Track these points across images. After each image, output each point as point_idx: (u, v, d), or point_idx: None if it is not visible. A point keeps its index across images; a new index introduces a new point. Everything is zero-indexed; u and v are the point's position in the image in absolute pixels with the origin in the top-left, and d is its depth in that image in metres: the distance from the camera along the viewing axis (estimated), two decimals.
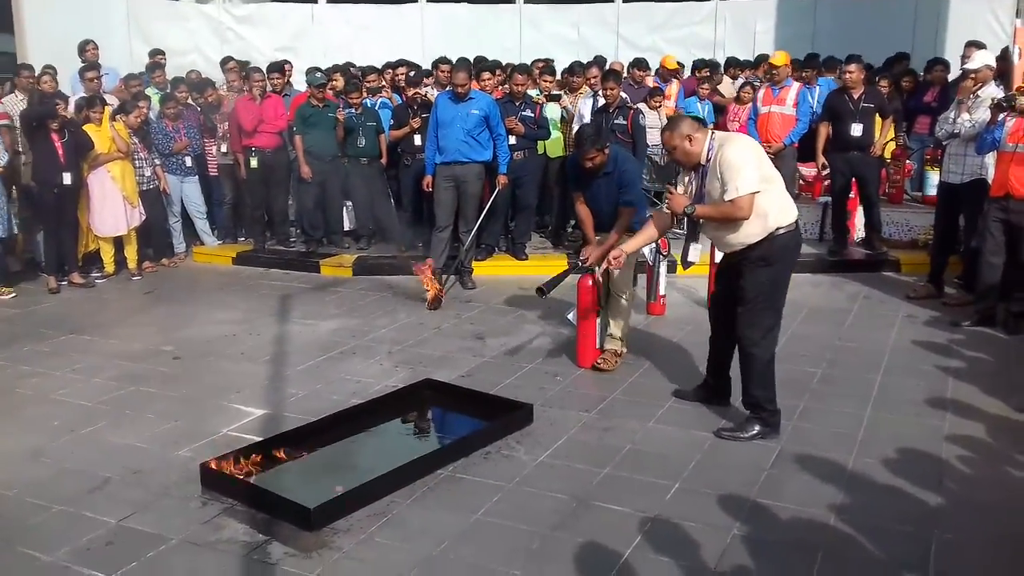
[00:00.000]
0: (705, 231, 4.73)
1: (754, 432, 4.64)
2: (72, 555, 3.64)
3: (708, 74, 10.47)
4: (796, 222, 4.58)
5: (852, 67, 8.27)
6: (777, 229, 4.46)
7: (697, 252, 4.92)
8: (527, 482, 4.23)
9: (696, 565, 3.49)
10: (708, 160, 4.50)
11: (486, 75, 8.62)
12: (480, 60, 9.79)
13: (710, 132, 4.58)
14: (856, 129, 8.16)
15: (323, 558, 3.59)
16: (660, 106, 9.55)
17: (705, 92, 9.97)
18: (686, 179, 4.74)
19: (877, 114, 8.29)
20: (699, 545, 3.63)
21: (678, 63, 11.37)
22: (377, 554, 3.62)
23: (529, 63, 10.04)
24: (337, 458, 4.60)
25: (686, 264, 4.96)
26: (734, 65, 11.50)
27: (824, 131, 8.54)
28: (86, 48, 9.80)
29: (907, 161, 9.72)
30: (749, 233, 4.47)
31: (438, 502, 4.04)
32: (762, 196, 4.38)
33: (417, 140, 8.59)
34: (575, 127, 8.21)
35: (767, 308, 4.59)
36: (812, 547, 3.61)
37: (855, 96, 8.20)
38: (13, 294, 7.99)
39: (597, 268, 5.89)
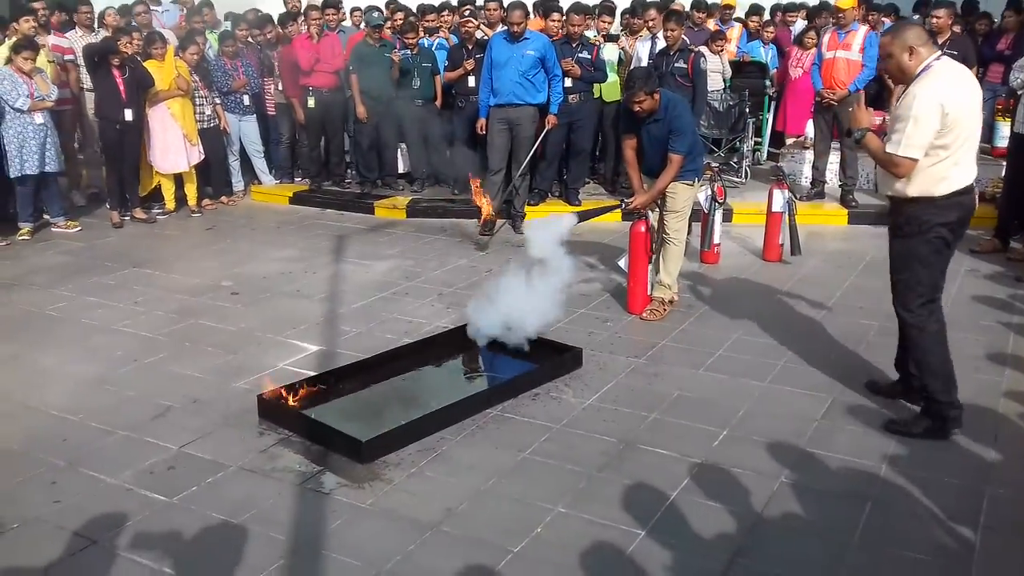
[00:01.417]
0: None
1: (925, 427, 4.09)
2: (135, 478, 3.79)
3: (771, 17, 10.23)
4: (957, 194, 3.90)
5: (941, 12, 7.99)
6: (920, 197, 3.90)
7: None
8: (575, 424, 4.27)
9: (742, 510, 3.50)
10: (913, 82, 3.85)
11: (555, 15, 8.48)
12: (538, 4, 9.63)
13: (936, 55, 3.87)
14: None
15: (374, 489, 3.68)
16: (722, 50, 9.35)
17: (769, 36, 9.73)
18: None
19: (962, 63, 8.00)
20: (746, 491, 3.65)
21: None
22: (426, 487, 3.71)
23: (587, 2, 9.84)
24: (389, 395, 4.67)
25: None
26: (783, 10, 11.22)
27: None
28: None
29: None
30: (894, 183, 3.96)
31: (487, 440, 4.11)
32: (925, 159, 3.81)
33: (471, 82, 8.52)
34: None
35: (910, 280, 4.04)
36: (861, 497, 3.59)
37: (939, 42, 7.93)
38: (78, 227, 8.21)
39: (650, 213, 5.85)
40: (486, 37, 8.53)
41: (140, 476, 3.81)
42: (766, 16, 11.07)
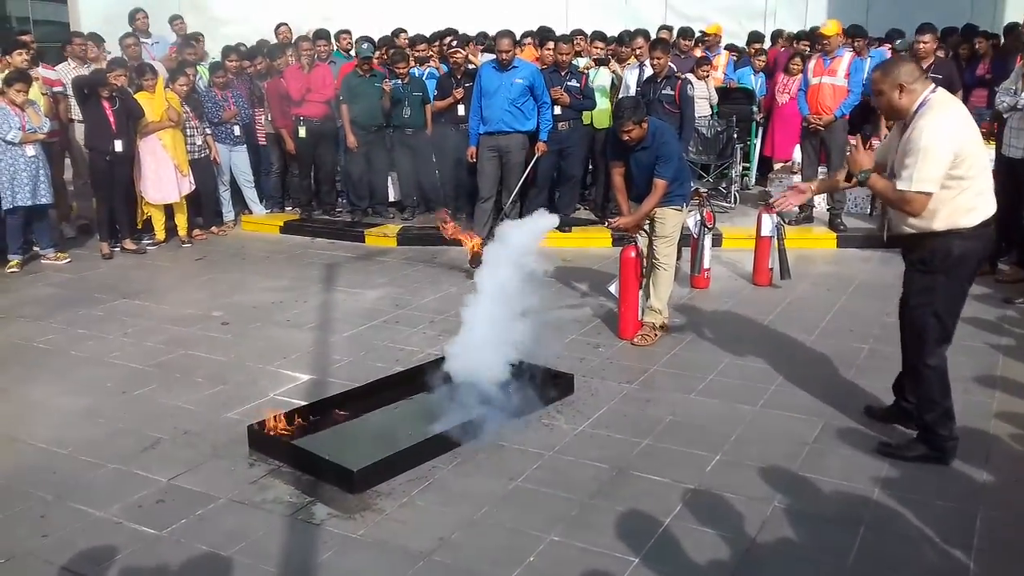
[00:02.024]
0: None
1: (920, 453, 4.05)
2: (124, 511, 3.76)
3: (760, 46, 10.34)
4: (983, 225, 3.85)
5: (927, 37, 8.09)
6: (949, 230, 3.80)
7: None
8: (567, 450, 4.25)
9: (736, 536, 3.49)
10: (912, 120, 3.80)
11: (550, 43, 8.57)
12: (526, 35, 9.75)
13: (931, 88, 3.84)
14: None
15: (365, 519, 3.66)
16: (708, 75, 9.44)
17: (760, 64, 9.83)
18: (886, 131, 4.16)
19: (947, 88, 8.10)
20: (739, 516, 3.63)
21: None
22: (418, 516, 3.68)
23: (569, 33, 9.93)
24: (379, 423, 4.65)
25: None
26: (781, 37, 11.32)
27: None
28: (136, 17, 9.93)
29: None
30: (912, 220, 3.84)
31: (479, 468, 4.09)
32: (946, 192, 3.73)
33: (461, 110, 8.58)
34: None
35: (930, 317, 3.94)
36: (854, 521, 3.58)
37: (924, 67, 8.03)
38: (68, 259, 8.19)
39: (640, 239, 5.88)
40: (474, 66, 8.60)
41: (129, 509, 3.77)
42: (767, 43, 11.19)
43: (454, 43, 9.39)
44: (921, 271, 3.93)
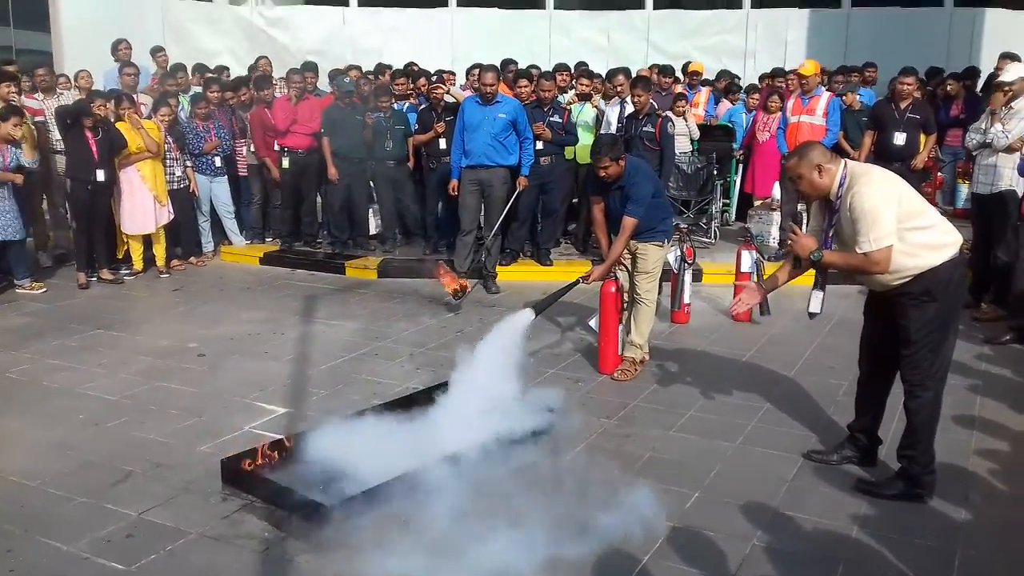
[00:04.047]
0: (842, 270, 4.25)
1: (899, 490, 4.08)
2: (92, 546, 3.68)
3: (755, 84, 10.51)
4: (961, 249, 4.01)
5: (910, 79, 8.28)
6: (943, 263, 3.91)
7: (820, 302, 4.31)
8: (545, 486, 4.20)
9: (714, 574, 3.46)
10: (839, 197, 3.98)
11: (523, 82, 8.64)
12: (507, 63, 9.82)
13: (843, 164, 4.03)
14: (899, 139, 8.15)
15: (338, 556, 3.59)
16: (684, 112, 9.54)
17: (754, 103, 9.99)
18: (811, 214, 4.28)
19: (922, 128, 8.26)
20: (719, 554, 3.60)
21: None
22: (392, 555, 3.62)
23: (551, 69, 10.01)
24: (355, 458, 4.58)
25: (810, 315, 4.35)
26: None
27: (869, 140, 8.48)
28: (119, 47, 9.93)
29: (938, 174, 9.61)
30: (902, 272, 3.91)
31: (456, 504, 4.01)
32: (912, 234, 3.86)
33: (442, 144, 8.61)
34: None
35: (936, 348, 3.98)
36: (833, 560, 3.56)
37: (902, 107, 8.18)
38: (44, 289, 8.09)
39: (620, 273, 5.89)
40: (455, 101, 8.65)
41: (97, 544, 3.69)
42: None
43: (433, 79, 9.45)
44: (926, 302, 3.93)
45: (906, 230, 3.86)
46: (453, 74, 10.27)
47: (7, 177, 7.55)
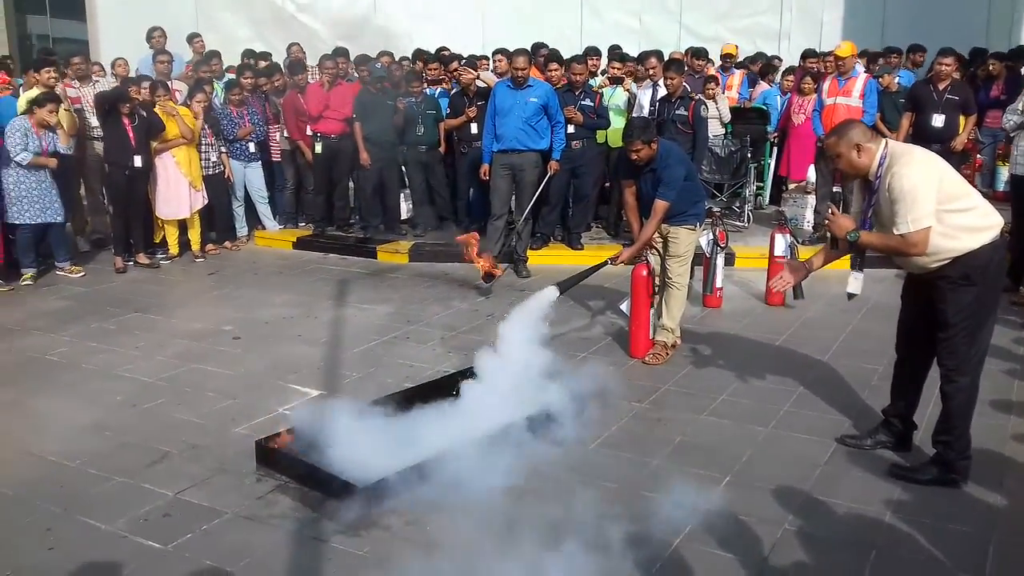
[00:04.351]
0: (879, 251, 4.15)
1: (933, 476, 4.03)
2: (129, 525, 3.75)
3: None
4: (1001, 232, 3.93)
5: (948, 59, 8.11)
6: (982, 246, 3.85)
7: (859, 283, 4.26)
8: (576, 469, 4.21)
9: (746, 558, 3.45)
10: (878, 176, 3.93)
11: (553, 65, 8.59)
12: (538, 47, 9.78)
13: (883, 143, 3.97)
14: (938, 120, 8.01)
15: (371, 536, 3.64)
16: (714, 95, 9.44)
17: (789, 84, 9.86)
18: (854, 194, 4.25)
19: (961, 110, 8.10)
20: (750, 538, 3.59)
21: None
22: (425, 535, 3.65)
23: (582, 53, 9.96)
24: (388, 440, 4.62)
25: (849, 296, 4.31)
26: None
27: (907, 122, 8.34)
28: (153, 35, 10.02)
29: (978, 156, 9.43)
30: (940, 254, 3.86)
31: (487, 486, 4.03)
32: (952, 216, 3.79)
33: (473, 128, 8.61)
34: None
35: (974, 332, 3.93)
36: (866, 545, 3.53)
37: (940, 88, 8.03)
38: (82, 273, 8.23)
39: (651, 257, 5.86)
40: (485, 85, 8.64)
41: (134, 523, 3.76)
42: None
43: (464, 63, 9.44)
44: (964, 286, 3.86)
45: (945, 212, 3.80)
46: (486, 59, 10.25)
47: (41, 162, 7.66)
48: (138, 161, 8.16)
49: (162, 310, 7.16)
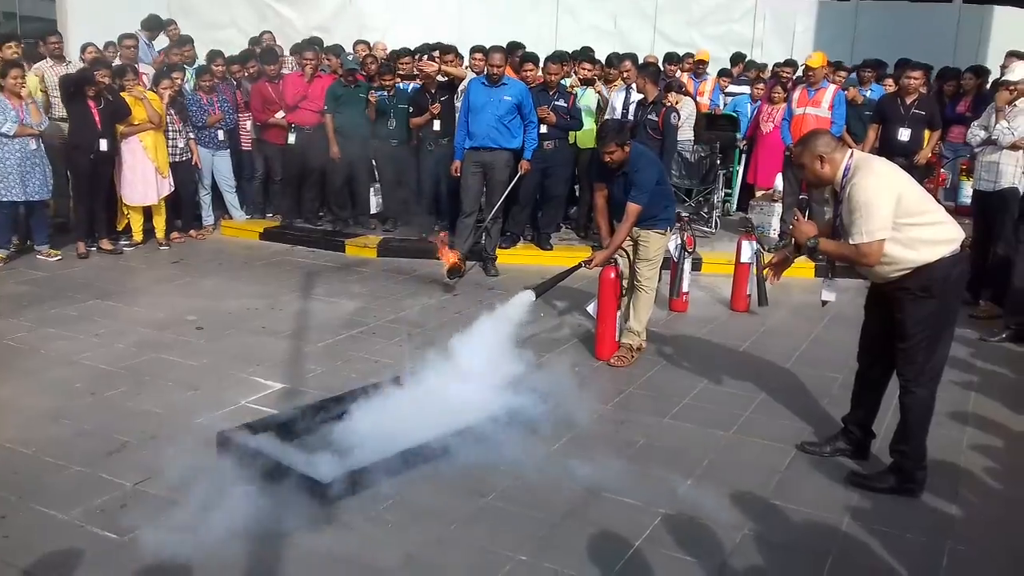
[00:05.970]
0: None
1: (890, 485, 4.09)
2: (86, 515, 3.69)
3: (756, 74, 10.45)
4: (962, 246, 3.97)
5: (918, 73, 8.20)
6: (941, 258, 3.87)
7: (833, 292, 4.36)
8: (539, 470, 4.22)
9: (705, 562, 3.48)
10: (843, 187, 3.95)
11: (529, 65, 8.58)
12: (514, 46, 9.76)
13: (848, 153, 4.00)
14: (903, 134, 8.08)
15: (333, 532, 3.62)
16: (678, 102, 9.46)
17: (759, 92, 9.95)
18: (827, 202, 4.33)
19: (927, 124, 8.21)
20: (710, 542, 3.63)
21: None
22: (387, 532, 3.65)
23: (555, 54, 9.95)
24: (350, 436, 4.59)
25: (823, 303, 4.42)
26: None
27: (873, 134, 8.44)
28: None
29: (941, 170, 9.59)
30: (900, 264, 3.90)
31: (449, 485, 4.05)
32: (912, 229, 3.83)
33: (436, 125, 8.57)
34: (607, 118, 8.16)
35: (932, 344, 3.97)
36: (823, 551, 3.58)
37: (907, 101, 8.13)
38: (59, 256, 8.08)
39: (620, 259, 5.88)
40: (446, 80, 8.60)
41: (91, 513, 3.71)
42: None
43: (428, 56, 9.38)
44: (923, 298, 3.91)
45: (905, 224, 3.85)
46: (461, 57, 10.20)
47: (25, 132, 7.55)
48: (103, 145, 8.03)
49: (124, 297, 7.06)
